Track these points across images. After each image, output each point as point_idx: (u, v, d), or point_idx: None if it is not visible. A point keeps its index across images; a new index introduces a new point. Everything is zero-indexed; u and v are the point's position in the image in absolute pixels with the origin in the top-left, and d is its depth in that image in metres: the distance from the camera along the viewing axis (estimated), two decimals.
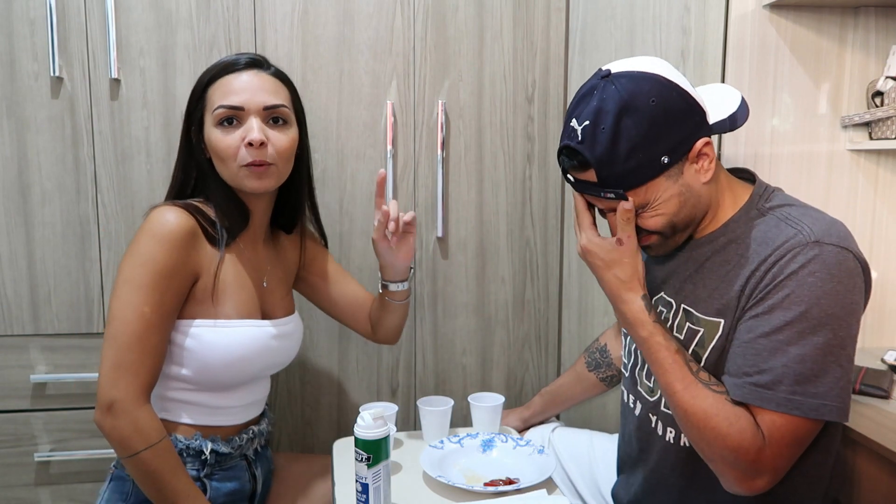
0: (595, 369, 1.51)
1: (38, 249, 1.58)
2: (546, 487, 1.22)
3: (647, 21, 1.55)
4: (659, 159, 1.01)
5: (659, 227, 1.07)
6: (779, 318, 0.96)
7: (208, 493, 1.22)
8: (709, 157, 1.04)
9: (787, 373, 0.94)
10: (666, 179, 1.03)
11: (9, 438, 1.60)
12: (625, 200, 1.04)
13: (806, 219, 1.00)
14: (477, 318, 1.80)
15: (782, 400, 0.94)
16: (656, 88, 1.00)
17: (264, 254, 1.33)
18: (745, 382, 0.97)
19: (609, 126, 1.00)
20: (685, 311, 1.11)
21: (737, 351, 0.99)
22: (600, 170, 1.02)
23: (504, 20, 1.71)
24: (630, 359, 1.25)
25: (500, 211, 1.77)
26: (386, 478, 1.14)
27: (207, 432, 1.23)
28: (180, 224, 1.14)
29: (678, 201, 1.05)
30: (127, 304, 1.11)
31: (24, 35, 1.52)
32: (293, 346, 1.36)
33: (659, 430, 1.16)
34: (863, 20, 1.39)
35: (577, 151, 1.03)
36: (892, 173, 1.43)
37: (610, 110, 1.00)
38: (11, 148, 1.54)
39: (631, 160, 1.00)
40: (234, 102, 1.18)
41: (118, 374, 1.10)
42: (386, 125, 1.67)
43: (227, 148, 1.18)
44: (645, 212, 1.06)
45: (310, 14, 1.63)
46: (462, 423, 1.63)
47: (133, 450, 1.10)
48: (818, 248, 0.95)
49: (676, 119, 1.01)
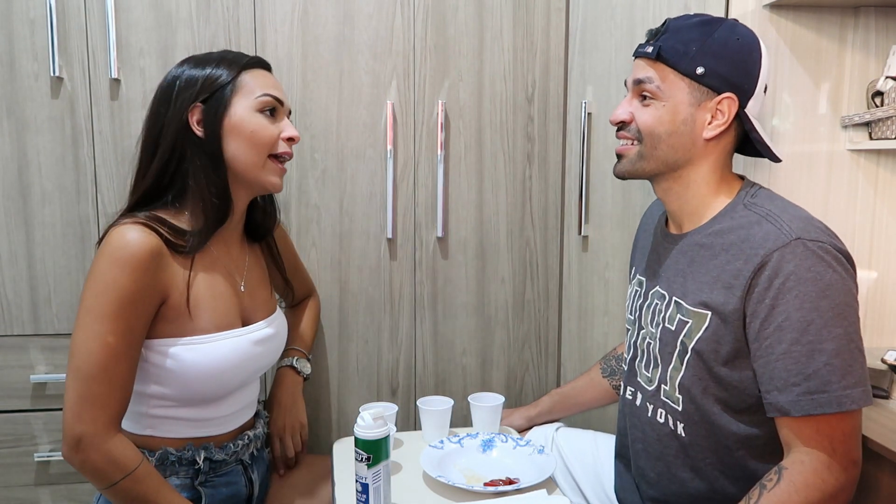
0: (610, 376, 1.51)
1: (38, 249, 1.58)
2: (546, 487, 1.22)
3: (647, 21, 1.55)
4: (697, 66, 1.09)
5: (647, 125, 1.12)
6: (799, 321, 0.98)
7: (203, 501, 1.19)
8: (723, 116, 1.10)
9: (832, 370, 0.97)
10: (687, 90, 1.10)
11: (9, 438, 1.60)
12: (652, 59, 1.12)
13: (785, 216, 1.04)
14: (477, 318, 1.80)
15: (836, 399, 0.97)
16: (754, 42, 1.11)
17: (239, 255, 1.30)
18: (798, 395, 0.99)
19: (704, 19, 1.12)
20: (676, 302, 1.14)
21: (777, 365, 1.00)
22: (666, 30, 1.12)
23: (504, 20, 1.71)
24: (630, 352, 1.28)
25: (500, 211, 1.77)
26: (386, 478, 1.14)
27: (199, 442, 1.20)
28: (143, 245, 1.08)
29: (673, 121, 1.11)
30: (91, 335, 1.06)
31: (24, 35, 1.52)
32: (278, 346, 1.34)
33: (659, 418, 1.18)
34: (863, 20, 1.39)
35: (669, 20, 1.13)
36: (892, 173, 1.43)
37: (714, 19, 1.12)
38: (11, 148, 1.54)
39: (690, 44, 1.09)
40: (278, 95, 1.22)
41: (83, 407, 1.05)
42: (386, 125, 1.67)
43: (270, 136, 1.20)
44: (648, 101, 1.12)
45: (310, 14, 1.63)
46: (462, 423, 1.63)
47: (111, 480, 1.07)
48: (802, 245, 0.99)
49: (737, 65, 1.09)
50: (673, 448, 1.16)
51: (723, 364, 1.07)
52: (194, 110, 1.17)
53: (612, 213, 1.68)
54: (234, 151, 1.18)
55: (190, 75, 1.18)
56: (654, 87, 1.11)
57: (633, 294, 1.30)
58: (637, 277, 1.31)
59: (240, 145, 1.18)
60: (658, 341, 1.18)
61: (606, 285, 1.70)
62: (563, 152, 1.77)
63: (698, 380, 1.10)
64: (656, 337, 1.18)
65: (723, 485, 1.12)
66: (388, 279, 1.74)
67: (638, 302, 1.27)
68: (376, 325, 1.75)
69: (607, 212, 1.69)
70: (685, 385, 1.12)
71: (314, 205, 1.68)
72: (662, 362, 1.17)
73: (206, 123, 1.17)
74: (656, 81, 1.11)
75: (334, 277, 1.71)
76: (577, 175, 1.72)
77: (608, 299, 1.70)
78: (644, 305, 1.24)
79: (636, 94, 1.15)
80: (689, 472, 1.15)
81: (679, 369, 1.12)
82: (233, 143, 1.18)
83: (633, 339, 1.26)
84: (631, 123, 1.15)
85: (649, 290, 1.23)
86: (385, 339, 1.76)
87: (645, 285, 1.25)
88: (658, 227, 1.27)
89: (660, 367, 1.17)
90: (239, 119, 1.18)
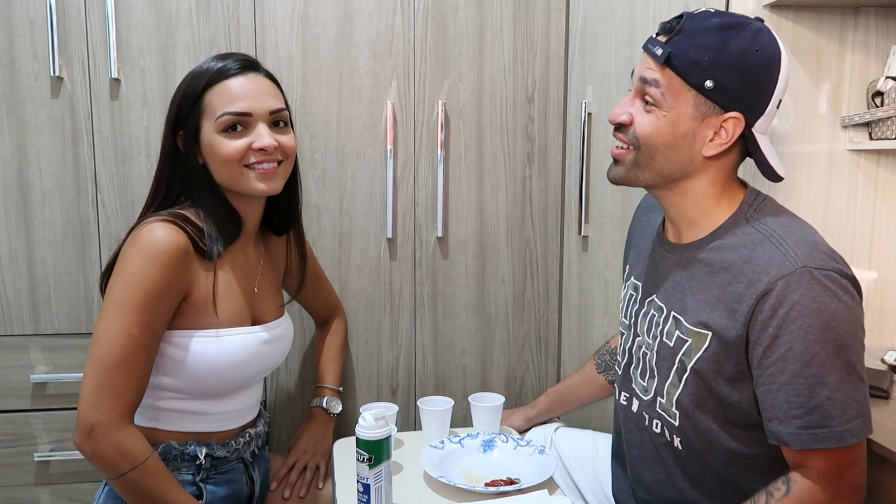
0: (605, 371, 1.51)
1: (38, 249, 1.58)
2: (547, 488, 1.22)
3: (647, 21, 1.55)
4: (707, 79, 1.01)
5: (645, 134, 1.06)
6: (802, 352, 0.96)
7: (205, 498, 1.21)
8: (726, 135, 1.03)
9: (834, 404, 0.95)
10: (692, 102, 1.03)
11: (9, 438, 1.60)
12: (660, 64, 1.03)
13: (790, 238, 1.00)
14: (477, 318, 1.80)
15: (837, 434, 0.96)
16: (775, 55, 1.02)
17: (254, 257, 1.32)
18: (798, 429, 0.97)
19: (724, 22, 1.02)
20: (674, 318, 1.11)
21: (779, 395, 0.98)
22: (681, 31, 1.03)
23: (504, 20, 1.71)
24: (625, 357, 1.25)
25: (500, 211, 1.77)
26: (387, 478, 1.14)
27: (202, 437, 1.22)
28: (172, 242, 1.11)
29: (673, 134, 1.04)
30: (115, 325, 1.08)
31: (24, 35, 1.51)
32: (284, 348, 1.35)
33: (656, 429, 1.16)
34: (863, 20, 1.39)
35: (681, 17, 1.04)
36: (892, 173, 1.43)
37: (735, 22, 1.02)
38: (11, 148, 1.54)
39: (703, 52, 1.00)
40: (241, 109, 1.17)
41: (100, 395, 1.07)
42: (386, 125, 1.67)
43: (234, 154, 1.17)
44: (649, 106, 1.05)
45: (310, 14, 1.63)
46: (462, 423, 1.63)
47: (119, 471, 1.08)
48: (808, 274, 0.95)
49: (750, 82, 1.01)
50: (670, 458, 1.15)
51: (725, 383, 1.05)
52: (179, 137, 1.21)
53: (612, 213, 1.68)
54: (214, 171, 1.21)
55: (177, 94, 1.22)
56: (658, 93, 1.04)
57: (629, 298, 1.26)
58: (632, 281, 1.27)
59: (216, 166, 1.20)
60: (655, 354, 1.14)
61: (606, 285, 1.70)
62: (563, 152, 1.77)
63: (697, 398, 1.07)
64: (653, 349, 1.15)
65: (722, 495, 1.11)
66: (388, 279, 1.74)
67: (633, 308, 1.23)
68: (376, 325, 1.75)
69: (607, 212, 1.69)
70: (683, 403, 1.09)
71: (314, 205, 1.68)
72: (659, 375, 1.14)
73: (186, 149, 1.21)
74: (661, 87, 1.03)
75: (334, 277, 1.70)
76: (577, 175, 1.72)
77: (608, 299, 1.70)
78: (640, 313, 1.20)
79: (639, 93, 1.07)
80: (688, 481, 1.13)
81: (677, 386, 1.09)
82: (211, 163, 1.21)
83: (628, 345, 1.24)
84: (630, 127, 1.08)
85: (645, 299, 1.20)
86: (385, 339, 1.76)
87: (641, 292, 1.22)
88: (657, 232, 1.22)
89: (656, 380, 1.14)
90: (207, 143, 1.19)
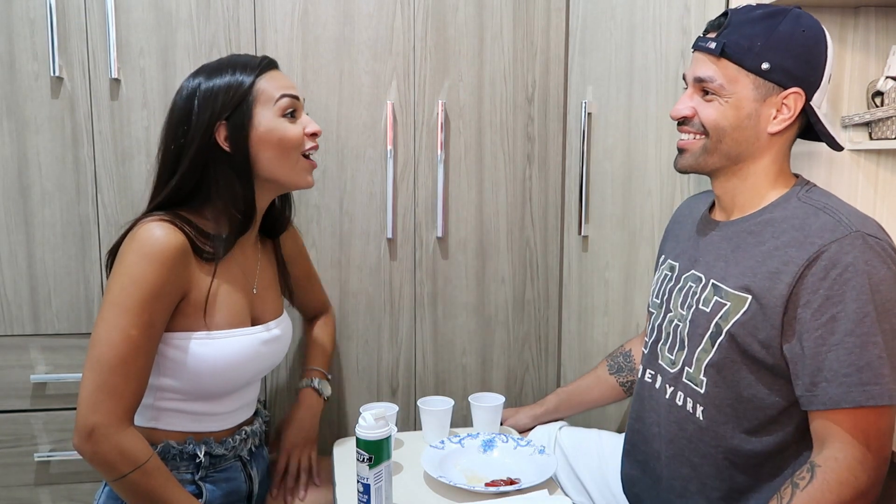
0: (616, 373, 1.51)
1: (38, 249, 1.58)
2: (547, 487, 1.23)
3: (647, 21, 1.55)
4: (763, 62, 1.08)
5: (711, 120, 1.12)
6: (855, 311, 0.98)
7: (204, 496, 1.21)
8: (788, 111, 1.10)
9: (883, 363, 0.98)
10: (752, 86, 1.09)
11: (9, 438, 1.59)
12: (715, 56, 1.10)
13: (843, 209, 1.05)
14: (477, 318, 1.80)
15: (887, 392, 0.98)
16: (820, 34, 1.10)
17: (254, 257, 1.32)
18: (851, 386, 0.98)
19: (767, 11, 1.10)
20: (714, 285, 1.14)
21: (829, 356, 1.00)
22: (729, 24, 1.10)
23: (504, 20, 1.71)
24: (653, 335, 1.27)
25: (500, 211, 1.77)
26: (387, 478, 1.14)
27: (200, 436, 1.22)
28: (170, 242, 1.10)
29: (738, 116, 1.11)
30: (114, 326, 1.07)
31: (24, 35, 1.51)
32: (282, 348, 1.35)
33: (678, 401, 1.18)
34: (863, 20, 1.39)
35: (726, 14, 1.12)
36: (892, 173, 1.43)
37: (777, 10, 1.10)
38: (11, 148, 1.54)
39: (755, 39, 1.08)
40: (296, 93, 1.22)
41: (100, 397, 1.07)
42: (386, 125, 1.67)
43: (296, 137, 1.20)
44: (710, 96, 1.12)
45: (310, 14, 1.63)
46: (462, 423, 1.63)
47: (120, 473, 1.08)
48: (861, 238, 1.00)
49: (803, 59, 1.08)
50: (688, 431, 1.16)
51: (760, 347, 1.07)
52: (220, 128, 1.17)
53: (612, 213, 1.68)
54: (266, 161, 1.19)
55: (207, 89, 1.17)
56: (717, 85, 1.11)
57: (663, 279, 1.29)
58: (668, 262, 1.30)
59: (271, 154, 1.19)
60: (688, 323, 1.17)
61: (606, 285, 1.70)
62: (563, 152, 1.78)
63: (730, 361, 1.10)
64: (686, 319, 1.18)
65: (731, 474, 1.12)
66: (388, 279, 1.74)
67: (668, 286, 1.26)
68: (376, 325, 1.75)
69: (607, 212, 1.69)
70: (713, 366, 1.11)
71: (314, 205, 1.68)
72: (690, 344, 1.16)
73: (233, 139, 1.17)
74: (719, 79, 1.10)
75: (334, 277, 1.70)
76: (577, 175, 1.72)
77: (608, 299, 1.70)
78: (675, 289, 1.23)
79: (697, 89, 1.15)
80: (701, 457, 1.14)
81: (708, 351, 1.12)
82: (264, 153, 1.19)
83: (658, 322, 1.26)
84: (693, 118, 1.15)
85: (682, 274, 1.23)
86: (385, 339, 1.76)
87: (678, 269, 1.25)
88: (702, 216, 1.27)
89: (685, 350, 1.17)
90: (265, 129, 1.18)
